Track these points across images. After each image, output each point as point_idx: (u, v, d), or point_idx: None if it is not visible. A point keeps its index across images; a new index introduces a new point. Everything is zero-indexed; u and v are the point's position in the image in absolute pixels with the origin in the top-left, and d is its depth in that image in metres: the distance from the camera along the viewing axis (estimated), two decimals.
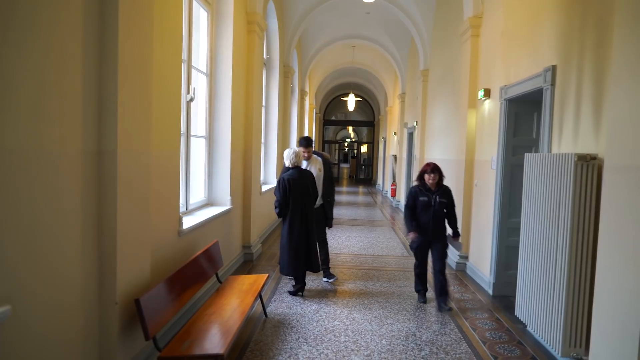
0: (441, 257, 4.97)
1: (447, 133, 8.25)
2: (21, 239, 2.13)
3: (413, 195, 5.01)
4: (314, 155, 5.81)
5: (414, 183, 5.20)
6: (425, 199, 4.91)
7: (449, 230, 5.13)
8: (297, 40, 10.91)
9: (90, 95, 2.62)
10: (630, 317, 2.73)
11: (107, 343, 2.81)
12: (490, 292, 5.50)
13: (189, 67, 4.72)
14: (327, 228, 5.95)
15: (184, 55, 4.50)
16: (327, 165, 5.91)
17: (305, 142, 5.76)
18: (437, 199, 4.90)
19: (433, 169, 4.91)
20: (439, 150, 8.94)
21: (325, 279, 5.85)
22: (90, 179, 2.65)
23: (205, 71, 5.55)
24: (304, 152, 5.61)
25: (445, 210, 4.99)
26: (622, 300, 2.85)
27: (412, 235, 4.99)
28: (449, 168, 7.84)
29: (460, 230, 5.24)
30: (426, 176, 4.92)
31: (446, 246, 5.04)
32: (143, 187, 3.10)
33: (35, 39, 2.17)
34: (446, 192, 4.98)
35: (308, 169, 5.57)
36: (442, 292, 4.92)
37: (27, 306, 2.18)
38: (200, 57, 5.45)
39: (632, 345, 2.70)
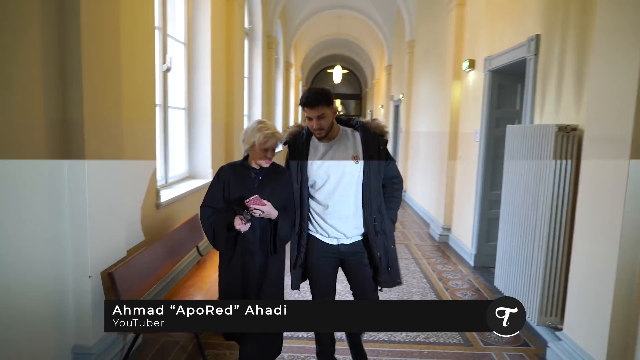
0: None
1: (432, 105, 8.18)
2: None
3: None
4: (341, 128, 2.66)
5: None
6: None
7: None
8: (280, 10, 10.61)
9: (52, 60, 2.49)
10: (603, 287, 2.77)
11: (82, 317, 2.78)
12: (472, 263, 5.56)
13: (164, 35, 4.55)
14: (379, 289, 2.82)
15: (158, 23, 4.32)
16: (374, 144, 2.60)
17: (305, 99, 2.51)
18: None
19: None
20: (424, 123, 8.89)
21: None
22: (55, 149, 2.55)
23: (182, 40, 5.36)
24: (308, 120, 2.55)
25: None
26: (595, 271, 2.87)
27: None
28: (433, 141, 7.81)
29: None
30: None
31: None
32: (114, 159, 3.01)
33: None
34: None
35: (323, 156, 2.60)
36: None
37: None
38: (177, 26, 5.26)
39: (604, 317, 2.74)
